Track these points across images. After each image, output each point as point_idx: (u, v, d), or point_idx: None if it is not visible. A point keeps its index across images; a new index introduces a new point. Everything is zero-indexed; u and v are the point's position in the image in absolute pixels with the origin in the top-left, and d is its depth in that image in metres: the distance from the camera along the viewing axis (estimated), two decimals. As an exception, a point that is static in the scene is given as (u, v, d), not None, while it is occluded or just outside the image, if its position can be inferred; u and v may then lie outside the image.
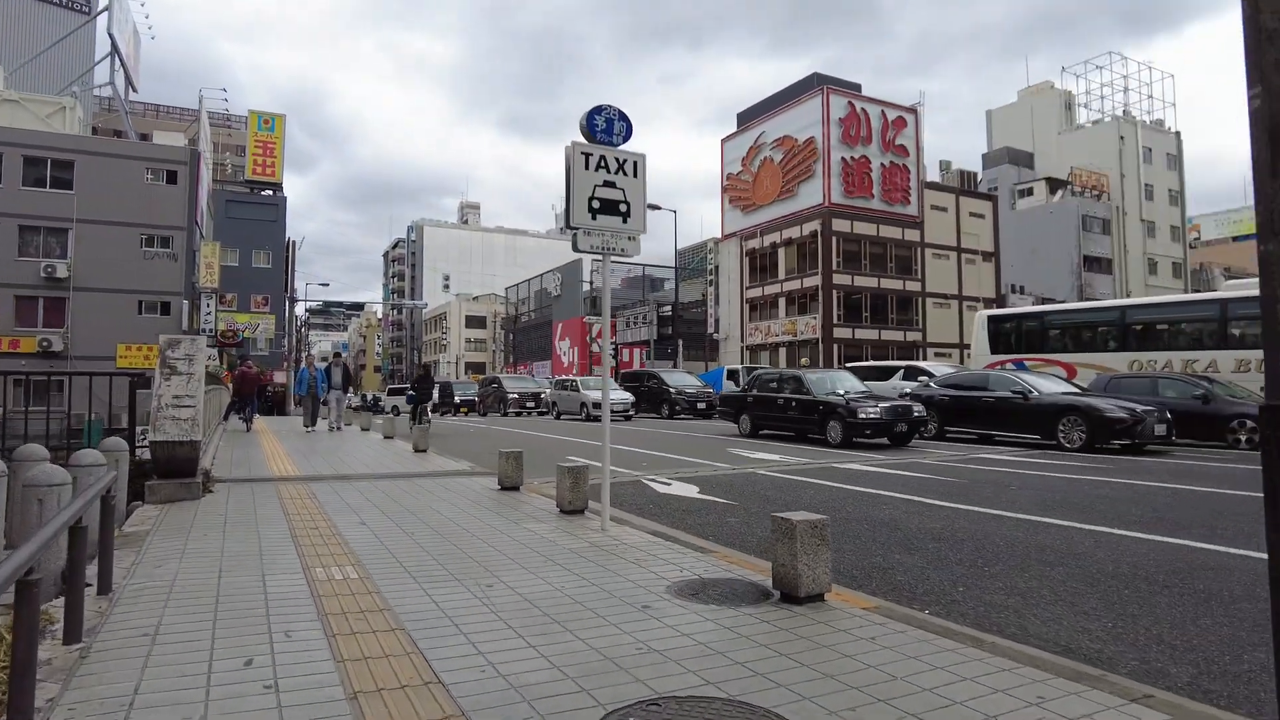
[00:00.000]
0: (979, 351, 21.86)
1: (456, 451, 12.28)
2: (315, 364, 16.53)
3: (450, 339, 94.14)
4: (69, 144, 31.43)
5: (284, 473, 8.73)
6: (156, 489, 6.25)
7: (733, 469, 10.57)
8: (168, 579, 3.94)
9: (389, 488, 7.67)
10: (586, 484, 6.25)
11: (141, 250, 32.20)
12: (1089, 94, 69.11)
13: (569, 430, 18.99)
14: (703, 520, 6.76)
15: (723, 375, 28.47)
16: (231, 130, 71.60)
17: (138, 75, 40.68)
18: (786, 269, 48.57)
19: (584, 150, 5.52)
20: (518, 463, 7.56)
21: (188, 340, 7.10)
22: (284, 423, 22.57)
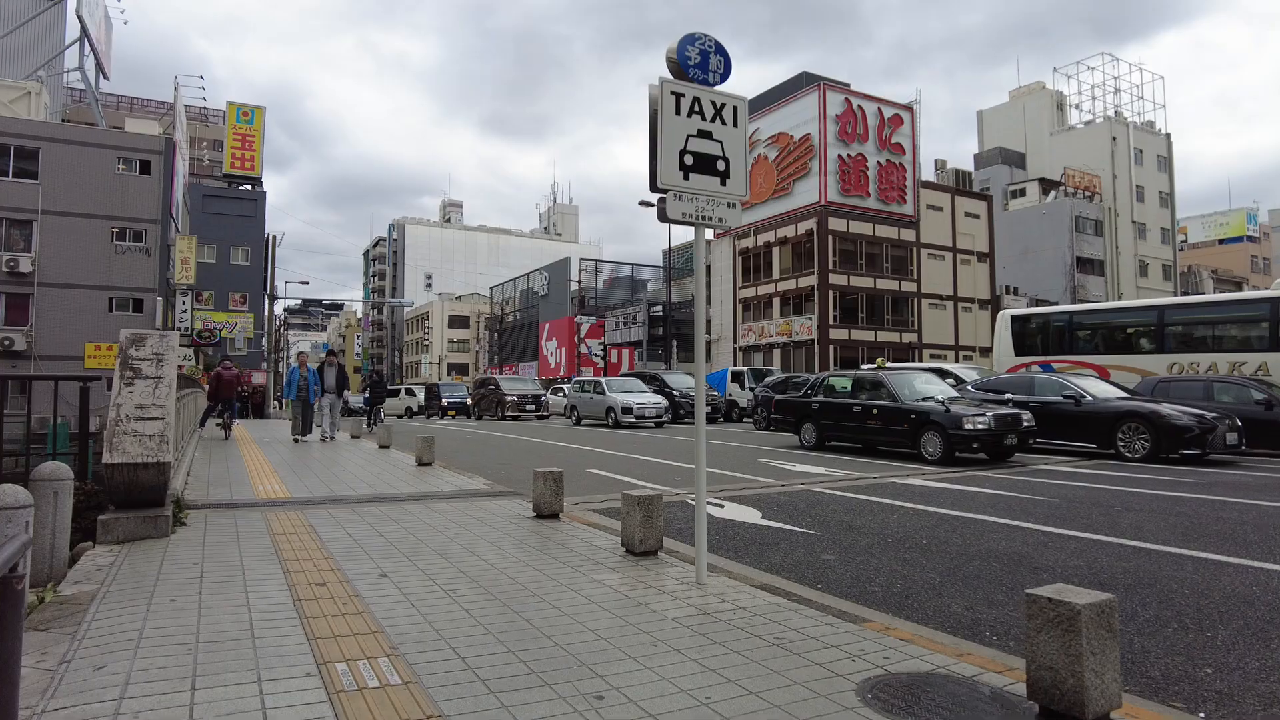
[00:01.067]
0: (1002, 353, 20.83)
1: (462, 465, 10.95)
2: (307, 363, 14.61)
3: (432, 339, 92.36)
4: (34, 130, 29.63)
5: (272, 494, 7.37)
6: (112, 526, 4.89)
7: (782, 485, 9.34)
8: (112, 697, 2.61)
9: (401, 515, 6.36)
10: (661, 518, 4.98)
11: (112, 244, 30.45)
12: (1080, 94, 68.87)
13: (590, 439, 17.22)
14: (793, 559, 5.52)
15: (726, 377, 27.23)
16: (209, 124, 69.45)
17: (109, 62, 38.80)
18: (781, 268, 47.56)
19: (674, 89, 4.27)
20: (556, 485, 6.28)
21: (156, 336, 5.75)
22: (265, 428, 21.03)
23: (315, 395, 14.19)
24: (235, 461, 10.43)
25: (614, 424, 21.43)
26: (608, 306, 62.53)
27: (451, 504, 7.01)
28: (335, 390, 14.60)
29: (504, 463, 11.93)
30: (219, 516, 6.06)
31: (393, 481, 8.55)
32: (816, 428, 13.73)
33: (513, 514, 6.54)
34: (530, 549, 5.14)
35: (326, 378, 14.53)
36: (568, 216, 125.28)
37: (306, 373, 14.22)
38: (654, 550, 4.93)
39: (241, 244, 51.51)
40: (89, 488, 5.10)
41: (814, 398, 13.96)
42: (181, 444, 8.43)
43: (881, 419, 12.62)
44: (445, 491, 7.74)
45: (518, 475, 10.17)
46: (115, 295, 30.43)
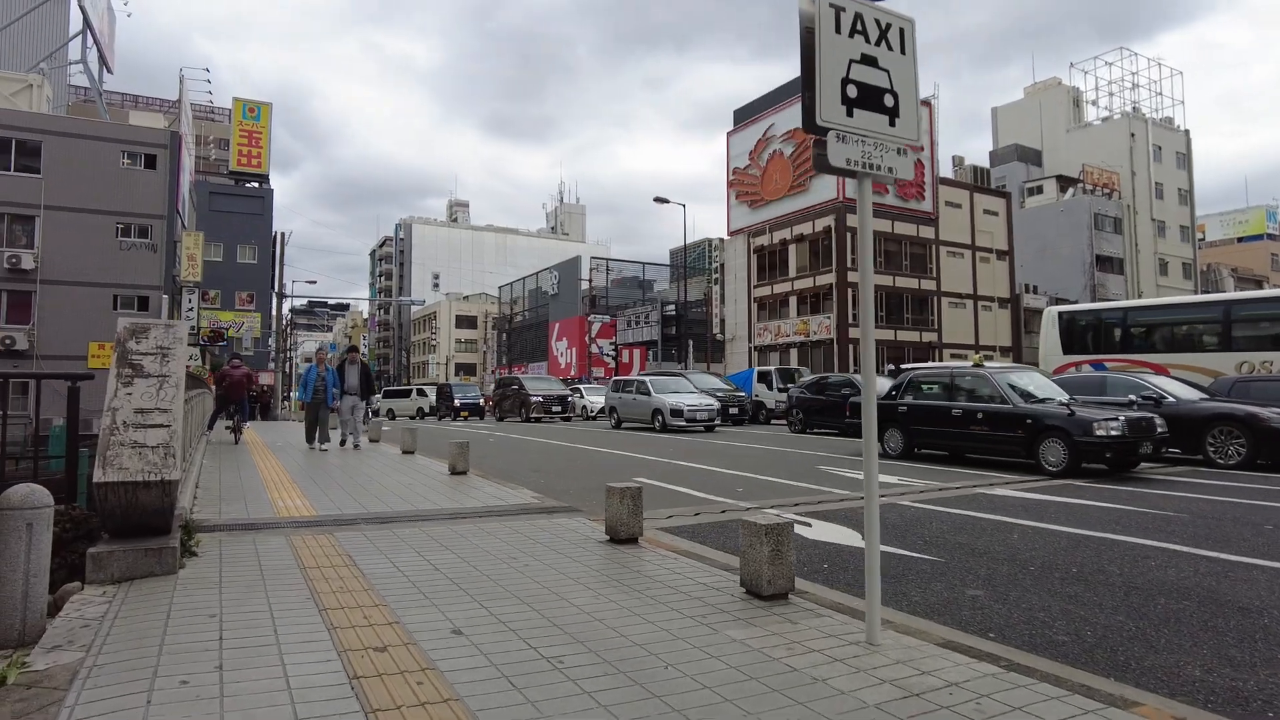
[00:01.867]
0: (1049, 352, 19.78)
1: (496, 472, 9.95)
2: (325, 361, 13.06)
3: (440, 339, 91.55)
4: (36, 123, 28.73)
5: (294, 510, 6.39)
6: (105, 561, 3.90)
7: (860, 496, 8.32)
8: None
9: (452, 539, 5.36)
10: (792, 551, 3.97)
11: (117, 240, 29.54)
12: (1097, 91, 67.69)
13: (631, 443, 15.87)
14: (935, 596, 4.51)
15: (753, 378, 26.21)
16: (214, 122, 68.63)
17: (112, 55, 37.97)
18: (798, 267, 46.52)
19: (834, 2, 3.26)
20: (635, 505, 5.28)
21: (160, 327, 4.77)
22: (276, 430, 20.06)
23: (334, 398, 12.64)
24: (248, 469, 9.44)
25: (661, 427, 19.73)
26: (618, 306, 61.60)
27: (504, 523, 6.01)
28: (358, 392, 13.02)
29: (539, 469, 10.93)
30: (236, 542, 5.07)
31: (427, 494, 7.56)
32: (904, 434, 12.10)
33: (582, 538, 5.54)
34: (625, 588, 4.14)
35: (348, 377, 12.98)
36: (575, 216, 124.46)
37: (325, 372, 12.72)
38: (785, 593, 3.93)
39: (248, 242, 50.68)
40: (78, 513, 4.13)
41: (900, 400, 12.40)
42: (190, 452, 7.44)
43: (988, 424, 10.97)
44: (492, 507, 6.74)
45: (561, 485, 9.17)
46: (120, 293, 29.52)
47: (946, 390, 11.98)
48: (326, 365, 12.90)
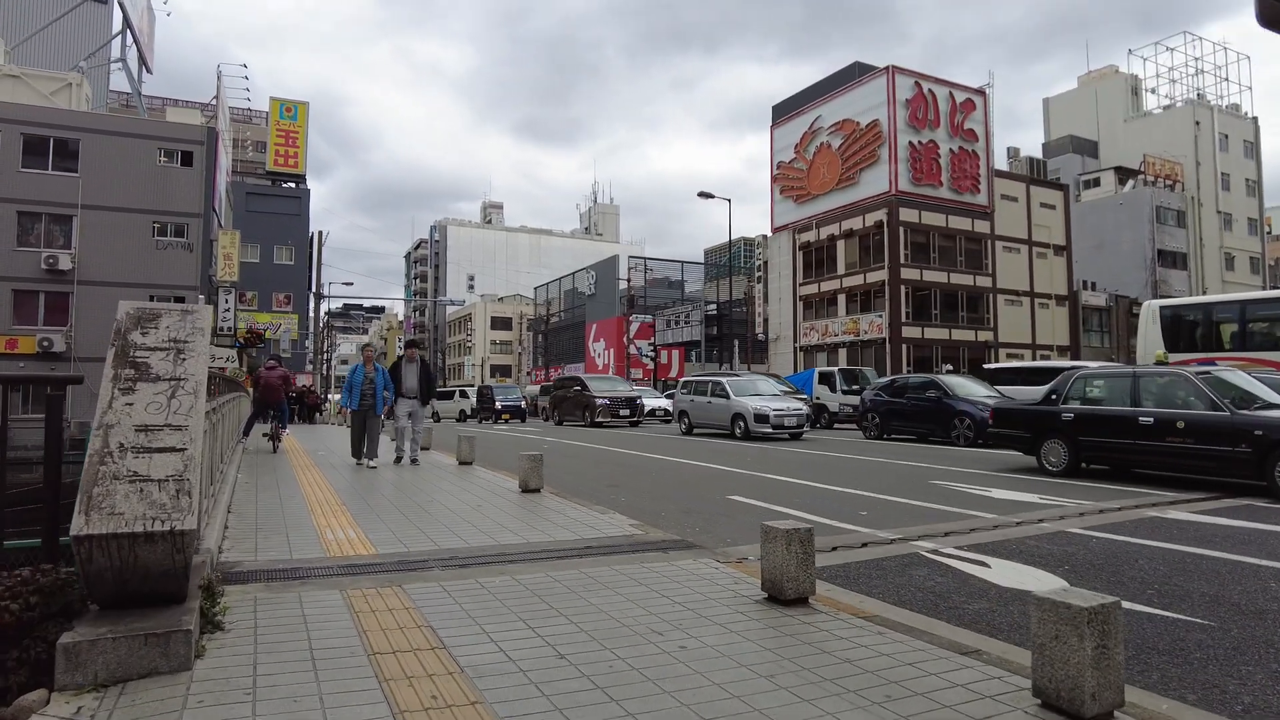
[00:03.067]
0: (1149, 350, 17.98)
1: (569, 489, 8.63)
2: (373, 359, 11.03)
3: (475, 340, 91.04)
4: (73, 121, 28.19)
5: (347, 546, 5.11)
6: (83, 656, 2.59)
7: (1017, 524, 6.85)
8: None
9: (559, 594, 4.02)
10: (1121, 646, 2.55)
11: (153, 240, 28.91)
12: (1158, 78, 64.75)
13: (710, 453, 14.09)
14: (1259, 695, 3.06)
15: (813, 379, 24.65)
16: (251, 125, 68.67)
17: (151, 55, 37.53)
18: (847, 263, 44.78)
19: None
20: (804, 553, 3.87)
21: (174, 314, 3.49)
22: (317, 436, 19.02)
23: (385, 402, 10.59)
24: (289, 486, 8.22)
25: (743, 435, 17.57)
26: (655, 306, 60.29)
27: (615, 567, 4.66)
28: (418, 395, 10.80)
29: (616, 484, 9.59)
30: (276, 603, 3.77)
31: (504, 520, 6.25)
32: (1071, 446, 9.99)
33: (729, 593, 4.15)
34: (850, 697, 2.75)
35: (405, 378, 10.72)
36: (608, 216, 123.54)
37: (373, 372, 10.58)
38: (1111, 710, 2.51)
39: (285, 243, 50.27)
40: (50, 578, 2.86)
41: (1062, 405, 10.22)
42: (219, 475, 6.23)
43: (1194, 437, 8.91)
44: (588, 540, 5.41)
45: (651, 506, 7.81)
46: (156, 293, 28.81)
47: (1127, 394, 9.87)
48: (375, 364, 10.82)
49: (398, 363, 11.08)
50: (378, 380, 10.68)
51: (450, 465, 10.49)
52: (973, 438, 15.23)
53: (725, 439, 17.89)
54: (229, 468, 8.39)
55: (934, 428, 16.30)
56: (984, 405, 15.45)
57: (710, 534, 6.38)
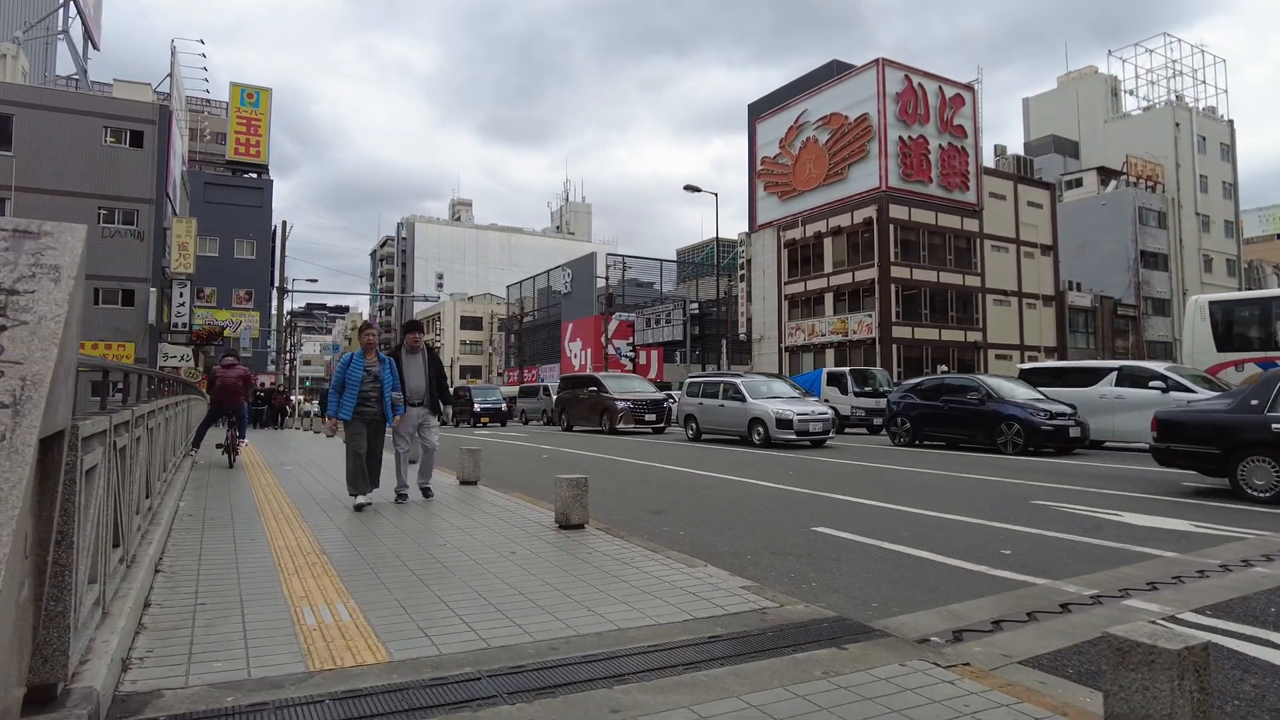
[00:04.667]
0: (1197, 349, 16.65)
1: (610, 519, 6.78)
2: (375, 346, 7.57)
3: (444, 340, 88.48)
4: (6, 94, 25.56)
5: (340, 644, 3.23)
6: None
7: (1219, 565, 5.17)
8: None
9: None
10: None
11: (99, 227, 26.36)
12: (1137, 79, 64.67)
13: (738, 464, 12.22)
14: None
15: (820, 380, 23.02)
16: (209, 115, 65.37)
17: (99, 31, 34.78)
18: (835, 261, 43.43)
19: None
20: (1200, 692, 2.09)
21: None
22: (284, 444, 16.89)
23: (396, 410, 7.42)
24: (249, 522, 6.26)
25: (761, 442, 15.82)
26: (631, 306, 58.56)
27: (785, 682, 2.85)
28: (425, 399, 7.80)
29: (661, 510, 7.76)
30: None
31: (559, 580, 4.40)
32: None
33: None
34: None
35: (409, 376, 7.68)
36: (580, 215, 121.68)
37: (377, 364, 7.29)
38: None
39: (246, 236, 47.47)
40: None
41: (1272, 414, 7.74)
42: (147, 514, 4.27)
43: None
44: (702, 618, 3.61)
45: (727, 545, 6.01)
46: (103, 285, 26.35)
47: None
48: (379, 353, 7.48)
49: (398, 352, 7.89)
50: (385, 377, 7.30)
51: (450, 486, 8.55)
52: (1022, 445, 13.70)
53: (741, 447, 16.11)
54: (167, 495, 6.40)
55: (975, 433, 14.74)
56: (1035, 409, 13.94)
57: (845, 593, 4.61)
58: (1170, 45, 63.59)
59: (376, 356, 7.40)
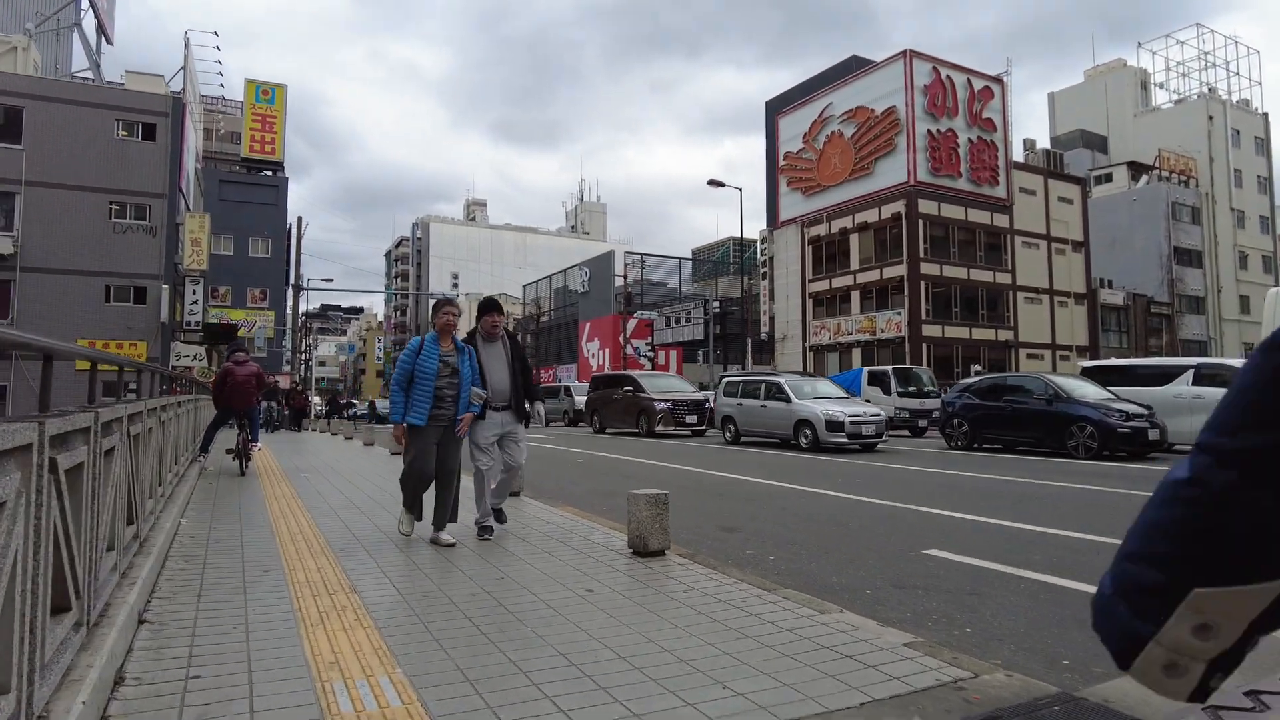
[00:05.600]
0: (1277, 345, 15.41)
1: (692, 545, 5.75)
2: (453, 329, 5.57)
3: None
4: (16, 85, 24.87)
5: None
6: None
7: None
8: None
9: None
10: None
11: (110, 222, 25.63)
12: (1168, 72, 63.00)
13: (795, 470, 11.11)
14: None
15: (861, 379, 21.93)
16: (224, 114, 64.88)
17: (112, 25, 34.14)
18: (861, 258, 42.25)
19: None
20: None
21: None
22: (303, 449, 16.00)
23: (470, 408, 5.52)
24: (260, 553, 5.28)
25: (809, 445, 14.65)
26: (652, 304, 57.60)
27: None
28: (512, 399, 5.86)
29: (729, 527, 6.72)
30: None
31: (655, 630, 3.39)
32: None
33: None
34: None
35: (490, 367, 5.74)
36: (595, 215, 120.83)
37: (455, 354, 5.47)
38: None
39: (261, 234, 46.81)
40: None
41: None
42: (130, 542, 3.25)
43: None
44: (885, 702, 2.57)
45: (822, 571, 4.98)
46: (114, 282, 25.63)
47: None
48: (455, 339, 5.58)
49: (472, 338, 5.83)
50: (464, 370, 5.46)
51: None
52: (1095, 448, 12.58)
53: (786, 450, 15.02)
54: (166, 511, 5.44)
55: (1042, 436, 13.63)
56: (1109, 409, 12.82)
57: (1018, 645, 3.60)
58: (1202, 36, 61.94)
59: (454, 344, 5.51)
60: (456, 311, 5.65)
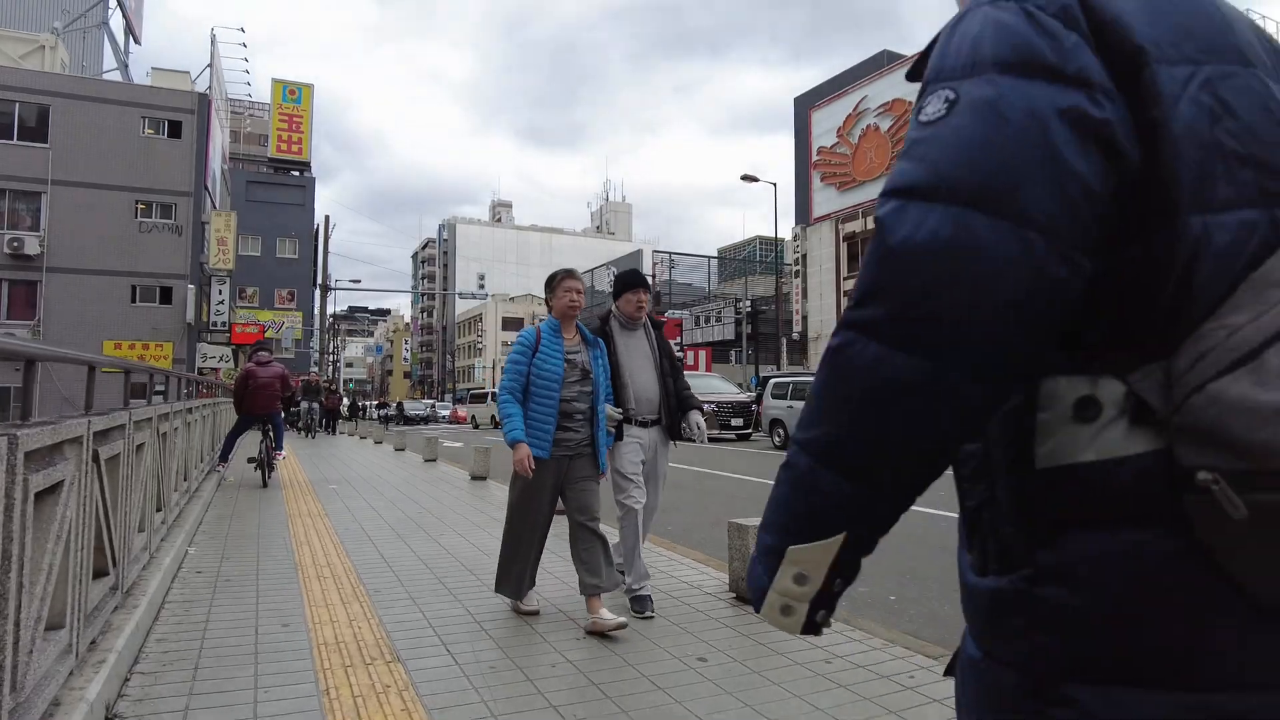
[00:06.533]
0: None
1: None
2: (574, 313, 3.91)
3: (486, 342, 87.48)
4: (43, 84, 24.45)
5: None
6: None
7: None
8: None
9: None
10: None
11: (136, 221, 25.15)
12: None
13: None
14: None
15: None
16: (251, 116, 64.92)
17: (140, 25, 33.84)
18: (900, 255, 40.82)
19: None
20: None
21: None
22: (339, 457, 15.22)
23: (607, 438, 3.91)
24: (279, 596, 4.36)
25: None
26: (681, 304, 56.66)
27: None
28: (662, 410, 4.18)
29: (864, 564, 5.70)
30: None
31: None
32: None
33: None
34: None
35: (631, 365, 4.13)
36: (621, 215, 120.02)
37: (582, 350, 3.87)
38: None
39: (289, 235, 46.47)
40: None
41: None
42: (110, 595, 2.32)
43: None
44: None
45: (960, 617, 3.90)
46: (140, 282, 25.13)
47: None
48: (580, 327, 3.98)
49: (604, 325, 4.24)
50: (598, 373, 3.91)
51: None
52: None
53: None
54: (171, 536, 4.53)
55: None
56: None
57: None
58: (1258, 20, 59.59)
59: (577, 334, 3.92)
60: (581, 288, 3.95)
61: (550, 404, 3.70)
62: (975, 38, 0.72)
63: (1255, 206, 0.69)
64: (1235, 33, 0.75)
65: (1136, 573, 0.66)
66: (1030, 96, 0.67)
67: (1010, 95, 0.68)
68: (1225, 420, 0.61)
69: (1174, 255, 0.67)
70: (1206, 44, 0.72)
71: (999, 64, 0.69)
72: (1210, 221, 0.67)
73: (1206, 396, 0.62)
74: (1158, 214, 0.68)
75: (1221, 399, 0.61)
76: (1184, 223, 0.67)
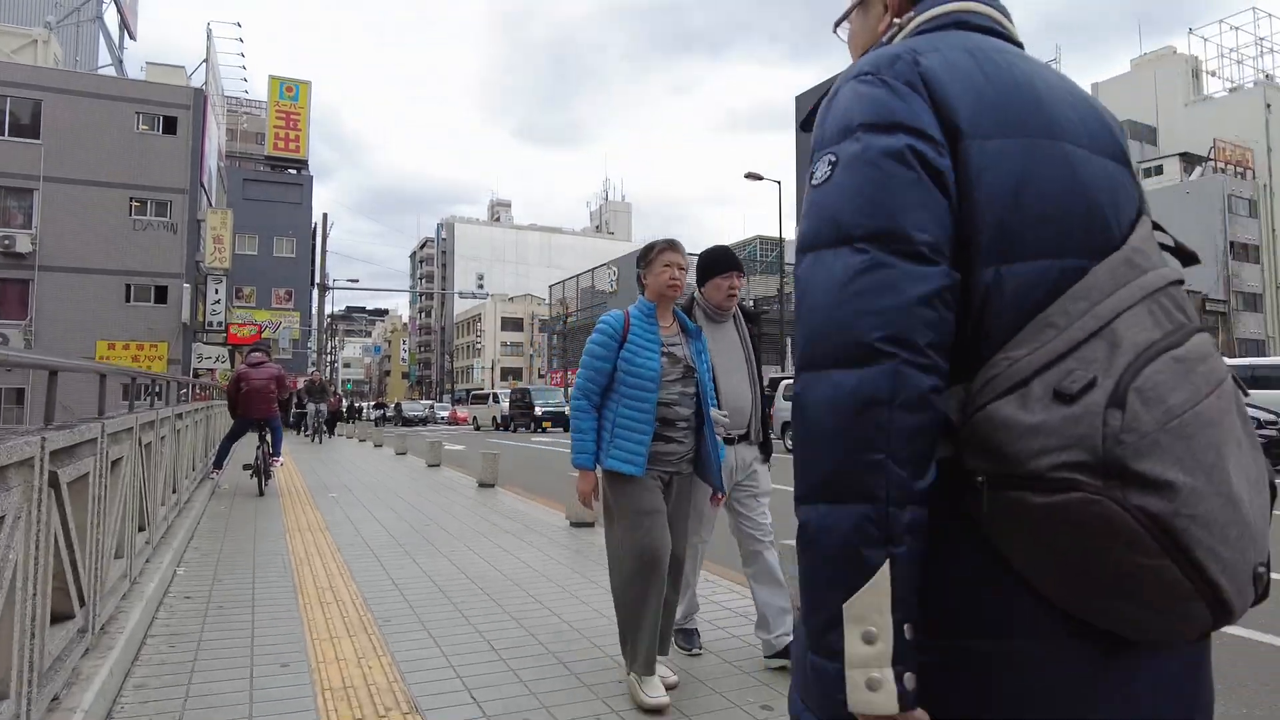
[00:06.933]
0: None
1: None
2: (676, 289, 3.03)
3: (485, 342, 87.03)
4: (34, 79, 23.95)
5: None
6: None
7: None
8: None
9: None
10: None
11: (131, 219, 24.65)
12: (1221, 58, 60.34)
13: None
14: None
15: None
16: (248, 114, 64.34)
17: (135, 20, 33.33)
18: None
19: None
20: None
21: None
22: (342, 464, 14.77)
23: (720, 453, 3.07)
24: (276, 627, 3.89)
25: None
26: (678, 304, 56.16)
27: None
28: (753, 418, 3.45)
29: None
30: None
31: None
32: None
33: None
34: None
35: (720, 365, 3.26)
36: (620, 214, 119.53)
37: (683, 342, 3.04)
38: None
39: (286, 234, 45.93)
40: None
41: None
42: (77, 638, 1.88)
43: None
44: None
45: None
46: (134, 281, 24.64)
47: None
48: (680, 313, 3.15)
49: (691, 307, 3.36)
50: (702, 370, 3.06)
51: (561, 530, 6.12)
52: None
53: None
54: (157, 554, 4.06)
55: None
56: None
57: None
58: (1259, 21, 59.38)
59: (675, 320, 3.13)
60: (684, 263, 3.05)
61: (646, 409, 2.85)
62: (845, 109, 0.87)
63: (1050, 257, 0.82)
64: (1044, 108, 0.86)
65: (940, 552, 0.78)
66: (890, 144, 0.81)
67: (875, 145, 0.82)
68: (995, 435, 0.75)
69: (971, 298, 0.80)
70: (1017, 120, 0.84)
71: (865, 125, 0.84)
72: (1004, 271, 0.80)
73: (985, 415, 0.77)
74: (962, 263, 0.81)
75: (994, 417, 0.76)
76: (979, 272, 0.80)
